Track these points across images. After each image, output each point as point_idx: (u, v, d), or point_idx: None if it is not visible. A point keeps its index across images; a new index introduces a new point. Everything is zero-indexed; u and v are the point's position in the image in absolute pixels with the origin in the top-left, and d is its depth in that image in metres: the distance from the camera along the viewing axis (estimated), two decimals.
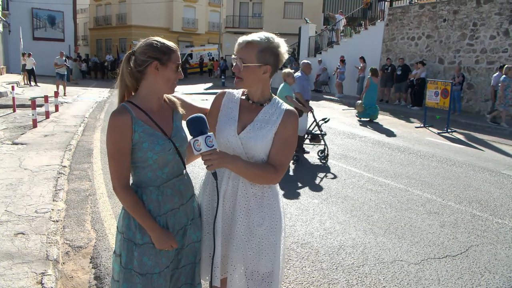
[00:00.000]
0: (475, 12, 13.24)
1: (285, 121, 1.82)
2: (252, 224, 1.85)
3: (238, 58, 1.80)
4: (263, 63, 1.78)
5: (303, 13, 28.49)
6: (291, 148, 1.85)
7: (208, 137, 1.61)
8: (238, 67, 1.80)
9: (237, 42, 1.82)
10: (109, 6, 39.44)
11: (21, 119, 9.90)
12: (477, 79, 13.26)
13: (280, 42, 1.82)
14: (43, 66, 22.89)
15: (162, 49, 1.73)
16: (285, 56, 1.84)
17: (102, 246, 3.68)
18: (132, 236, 1.77)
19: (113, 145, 1.71)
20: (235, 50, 1.82)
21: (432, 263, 3.59)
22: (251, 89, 1.87)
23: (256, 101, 1.88)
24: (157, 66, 1.73)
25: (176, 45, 1.81)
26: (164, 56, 1.73)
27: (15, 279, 2.93)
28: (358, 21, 20.55)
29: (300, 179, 5.91)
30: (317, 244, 3.87)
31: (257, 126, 1.82)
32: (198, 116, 1.67)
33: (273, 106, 1.87)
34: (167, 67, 1.74)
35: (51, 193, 4.78)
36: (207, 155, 1.62)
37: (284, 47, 1.83)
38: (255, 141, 1.79)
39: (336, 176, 6.15)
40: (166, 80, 1.76)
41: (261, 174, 1.77)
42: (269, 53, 1.78)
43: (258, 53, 1.77)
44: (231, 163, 1.72)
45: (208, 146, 1.60)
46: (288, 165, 1.86)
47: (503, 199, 5.38)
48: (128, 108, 1.73)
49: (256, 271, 1.85)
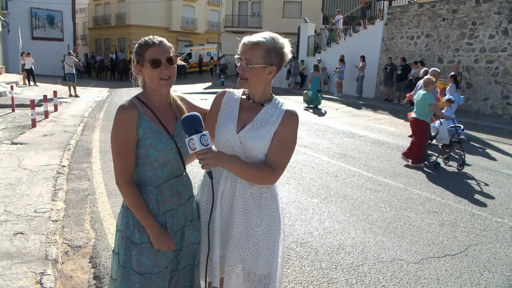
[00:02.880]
0: (474, 11, 13.25)
1: (285, 121, 1.81)
2: (250, 224, 1.84)
3: (244, 59, 1.78)
4: (269, 64, 1.77)
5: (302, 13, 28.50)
6: (290, 149, 1.83)
7: (203, 136, 1.59)
8: (243, 68, 1.78)
9: (242, 43, 1.79)
10: (108, 5, 39.40)
11: (20, 119, 9.89)
12: (476, 78, 13.26)
13: (284, 42, 1.81)
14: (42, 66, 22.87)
15: (137, 50, 1.74)
16: (289, 56, 1.84)
17: (101, 246, 3.67)
18: (131, 235, 1.77)
19: (119, 139, 1.72)
20: (240, 51, 1.80)
21: (432, 262, 3.59)
22: (253, 89, 1.86)
23: (257, 101, 1.87)
24: (139, 68, 1.75)
25: (160, 39, 1.77)
26: (139, 57, 1.73)
27: (14, 279, 2.92)
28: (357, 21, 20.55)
29: (299, 179, 5.91)
30: (317, 244, 3.87)
31: (257, 126, 1.81)
32: (193, 114, 1.65)
33: (273, 106, 1.86)
34: (144, 66, 1.73)
35: (50, 193, 4.78)
36: (202, 154, 1.60)
37: (288, 47, 1.82)
38: (254, 140, 1.78)
39: (335, 175, 6.15)
40: (150, 79, 1.75)
41: (258, 174, 1.76)
42: (274, 54, 1.77)
43: (264, 54, 1.75)
44: (227, 163, 1.71)
45: (203, 145, 1.58)
46: (286, 166, 1.84)
47: (502, 198, 5.39)
48: (136, 103, 1.75)
49: (253, 272, 1.84)
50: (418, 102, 6.75)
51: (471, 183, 6.01)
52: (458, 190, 5.66)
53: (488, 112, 12.96)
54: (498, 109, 12.78)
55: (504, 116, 12.54)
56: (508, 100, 12.52)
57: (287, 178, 5.86)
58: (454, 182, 6.04)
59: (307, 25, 22.12)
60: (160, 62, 1.71)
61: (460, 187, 5.80)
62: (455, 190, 5.66)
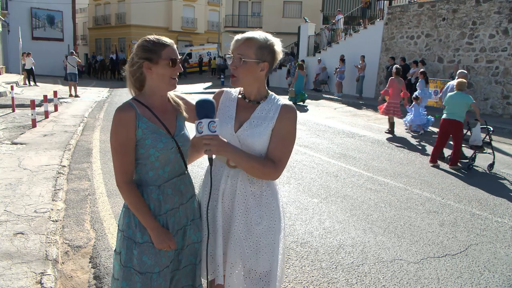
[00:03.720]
0: (474, 11, 13.24)
1: (282, 116, 1.82)
2: (250, 222, 1.85)
3: (237, 55, 1.80)
4: (261, 60, 1.79)
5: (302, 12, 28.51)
6: (290, 143, 1.84)
7: (212, 122, 1.62)
8: (235, 63, 1.80)
9: (235, 39, 1.82)
10: (108, 5, 39.39)
11: (20, 119, 9.89)
12: (477, 78, 13.26)
13: (275, 41, 1.84)
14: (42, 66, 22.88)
15: (150, 48, 1.74)
16: (281, 55, 1.86)
17: (101, 246, 3.67)
18: (132, 235, 1.77)
19: (117, 140, 1.73)
20: (232, 48, 1.83)
21: (432, 262, 3.59)
22: (247, 87, 1.88)
23: (252, 99, 1.89)
24: (149, 65, 1.74)
25: (171, 40, 1.80)
26: (153, 55, 1.73)
27: (14, 279, 2.93)
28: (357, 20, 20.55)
29: (299, 178, 5.91)
30: (317, 243, 3.87)
31: (254, 124, 1.82)
32: (206, 99, 1.67)
33: (270, 102, 1.87)
34: (159, 64, 1.74)
35: (51, 193, 4.78)
36: (207, 139, 1.62)
37: (279, 46, 1.85)
38: (252, 138, 1.79)
39: (335, 175, 6.15)
40: (161, 78, 1.76)
41: (260, 168, 1.76)
42: (267, 51, 1.80)
43: (257, 49, 1.78)
44: (231, 152, 1.71)
45: (210, 130, 1.61)
46: (287, 161, 1.84)
47: (502, 198, 5.39)
48: (133, 105, 1.76)
49: (254, 270, 1.85)
50: (454, 104, 6.87)
51: (471, 183, 6.01)
52: (458, 190, 5.66)
53: (488, 112, 12.96)
54: (498, 108, 12.78)
55: (504, 116, 12.55)
56: (508, 100, 12.52)
57: (287, 178, 5.86)
58: (454, 182, 6.04)
59: (307, 25, 22.13)
60: (177, 62, 1.76)
61: (460, 187, 5.80)
62: (455, 190, 5.66)
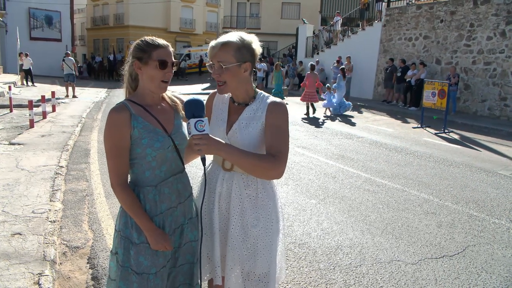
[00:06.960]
0: (472, 13, 13.29)
1: (270, 110, 1.79)
2: (247, 225, 1.85)
3: (216, 62, 1.75)
4: (242, 61, 1.75)
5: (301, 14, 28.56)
6: (284, 133, 1.76)
7: (199, 121, 1.58)
8: (217, 71, 1.75)
9: (210, 47, 1.77)
10: (106, 6, 39.34)
11: (18, 119, 9.87)
12: (474, 79, 13.30)
13: (252, 38, 1.80)
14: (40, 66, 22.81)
15: (143, 47, 1.73)
16: (260, 51, 1.82)
17: (99, 247, 3.67)
18: (129, 235, 1.77)
19: (111, 142, 1.71)
20: (210, 55, 1.78)
21: (429, 263, 3.60)
22: (235, 91, 1.85)
23: (241, 102, 1.86)
24: (139, 65, 1.73)
25: (167, 42, 1.78)
26: (144, 54, 1.72)
27: (12, 279, 2.92)
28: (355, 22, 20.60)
29: (297, 180, 5.91)
30: (315, 244, 3.87)
31: (243, 125, 1.81)
32: (194, 99, 1.64)
33: (258, 102, 1.85)
34: (148, 65, 1.72)
35: (48, 194, 4.77)
36: (196, 139, 1.58)
37: (256, 42, 1.81)
38: (242, 139, 1.78)
39: (333, 177, 6.16)
40: (150, 79, 1.74)
41: (260, 164, 1.67)
42: (245, 50, 1.75)
43: (235, 52, 1.73)
44: (224, 151, 1.64)
45: (197, 130, 1.58)
46: (287, 153, 1.73)
47: (500, 200, 5.40)
48: (127, 105, 1.74)
49: (252, 272, 1.86)
50: None
51: (469, 185, 6.02)
52: (456, 191, 5.68)
53: (485, 113, 13.00)
54: (495, 110, 12.81)
55: (501, 118, 12.58)
56: (505, 101, 12.55)
57: (285, 179, 5.86)
58: (451, 184, 6.05)
59: (305, 26, 22.17)
60: (167, 64, 1.73)
61: (458, 189, 5.81)
62: (453, 192, 5.68)
